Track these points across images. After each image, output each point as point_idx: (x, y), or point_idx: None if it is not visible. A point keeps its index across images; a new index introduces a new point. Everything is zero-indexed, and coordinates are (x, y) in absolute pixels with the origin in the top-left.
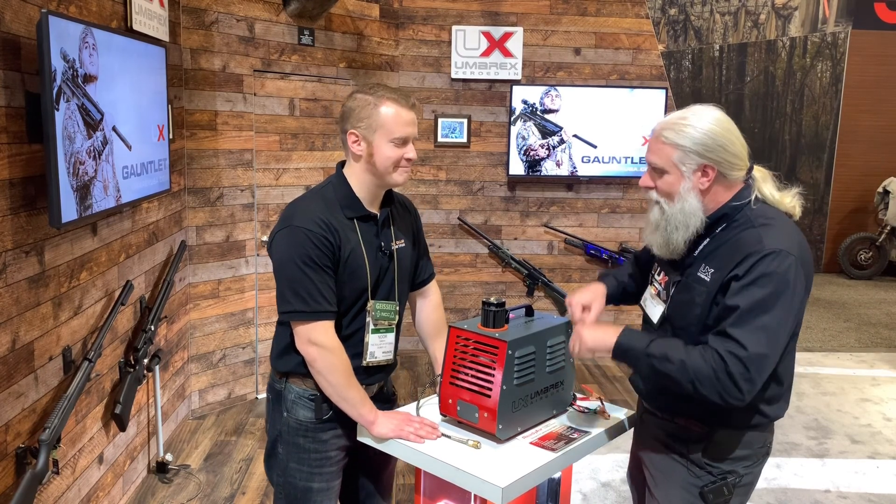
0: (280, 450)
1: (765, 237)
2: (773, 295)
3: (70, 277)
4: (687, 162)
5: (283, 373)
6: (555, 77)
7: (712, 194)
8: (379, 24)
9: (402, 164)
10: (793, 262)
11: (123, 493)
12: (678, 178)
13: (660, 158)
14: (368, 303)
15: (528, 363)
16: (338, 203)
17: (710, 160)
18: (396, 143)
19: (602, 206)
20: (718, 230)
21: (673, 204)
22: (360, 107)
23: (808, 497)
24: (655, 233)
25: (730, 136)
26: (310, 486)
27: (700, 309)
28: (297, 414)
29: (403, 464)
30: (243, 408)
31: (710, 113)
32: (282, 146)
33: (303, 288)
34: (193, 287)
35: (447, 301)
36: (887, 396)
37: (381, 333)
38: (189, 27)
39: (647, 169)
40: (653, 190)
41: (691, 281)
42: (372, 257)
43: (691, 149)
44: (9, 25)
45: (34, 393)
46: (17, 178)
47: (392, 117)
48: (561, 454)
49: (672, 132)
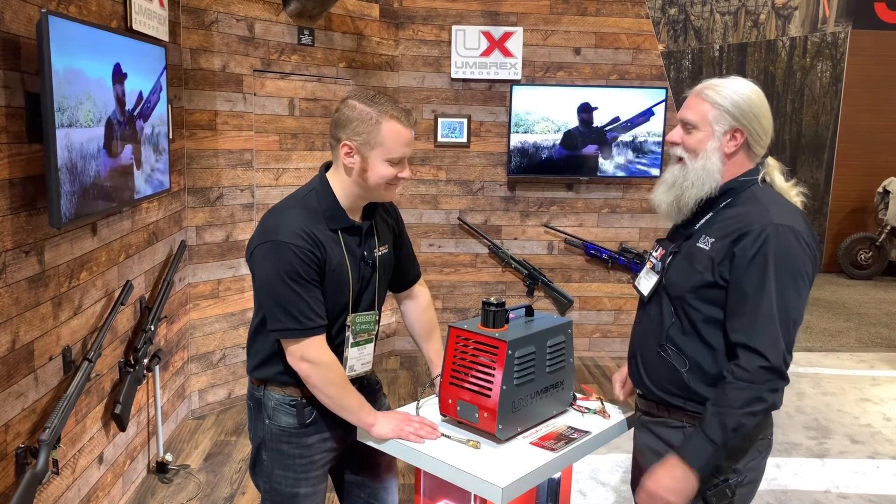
0: (264, 456)
1: (771, 210)
2: (784, 274)
3: (70, 277)
4: (721, 121)
5: (262, 380)
6: (555, 77)
7: (733, 162)
8: (379, 24)
9: (393, 182)
10: (800, 238)
11: (123, 493)
12: (708, 136)
13: (695, 114)
14: (349, 317)
15: (528, 363)
16: (322, 214)
17: (742, 125)
18: (392, 162)
19: (602, 206)
20: (722, 205)
21: (696, 160)
22: (358, 119)
23: (808, 497)
24: (669, 191)
25: (764, 109)
26: (296, 493)
27: (699, 276)
28: (279, 420)
29: (403, 464)
30: (243, 408)
31: (749, 84)
32: (282, 146)
33: (293, 306)
34: (193, 287)
35: (447, 301)
36: (887, 396)
37: (361, 346)
38: (189, 27)
39: (678, 125)
40: (678, 146)
41: (692, 251)
42: (355, 269)
43: (728, 110)
44: (9, 25)
45: (34, 393)
46: (17, 178)
47: (393, 136)
48: (561, 454)
49: (713, 91)
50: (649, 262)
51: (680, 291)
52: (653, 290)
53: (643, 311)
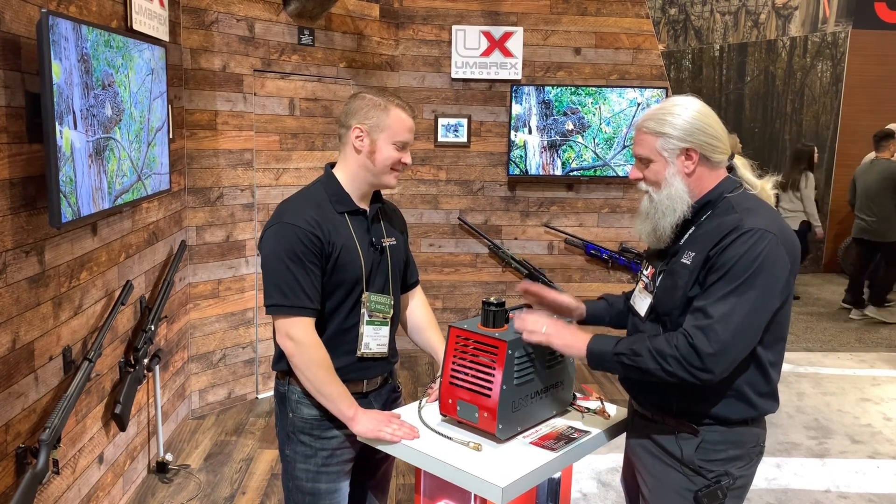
0: (287, 452)
1: (745, 218)
2: (749, 272)
3: (70, 277)
4: (669, 147)
5: (284, 373)
6: (555, 77)
7: (697, 178)
8: (379, 24)
9: (396, 167)
10: (772, 240)
11: (123, 493)
12: (663, 165)
13: (644, 148)
14: (363, 294)
15: (528, 363)
16: (328, 199)
17: (692, 143)
18: (398, 146)
19: (602, 206)
20: (703, 218)
21: (660, 191)
22: (368, 106)
23: (809, 497)
24: (645, 221)
25: (708, 119)
26: (317, 488)
27: (682, 292)
28: (301, 413)
29: (403, 464)
30: (243, 408)
31: (687, 101)
32: (282, 146)
33: (284, 282)
34: (193, 287)
35: (447, 301)
36: (887, 396)
37: (376, 326)
38: (189, 27)
39: (635, 162)
40: (641, 181)
41: (676, 267)
42: (364, 250)
43: (672, 134)
44: (9, 25)
45: (34, 393)
46: (17, 178)
47: (399, 122)
48: (561, 454)
49: (653, 122)
50: (641, 282)
51: (667, 309)
52: (648, 310)
53: (638, 328)
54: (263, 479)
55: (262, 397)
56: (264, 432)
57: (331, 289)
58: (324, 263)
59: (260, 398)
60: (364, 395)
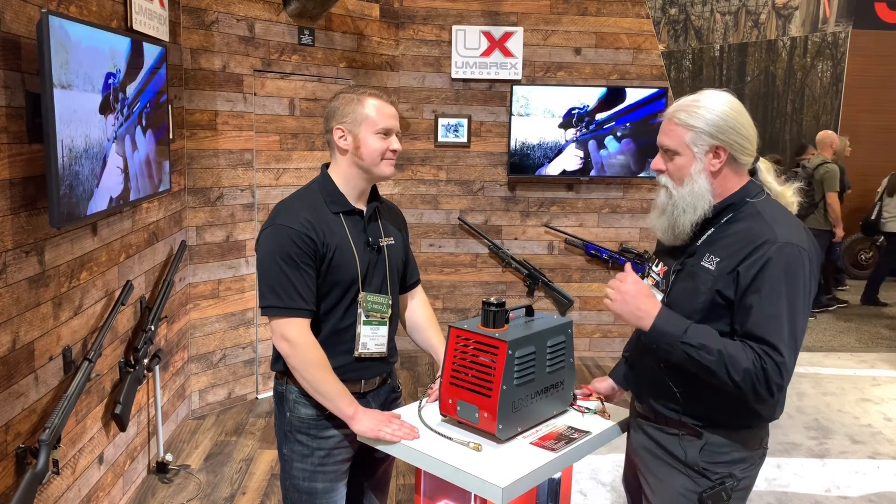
0: (285, 451)
1: (777, 228)
2: (793, 291)
3: (70, 277)
4: (699, 143)
5: (283, 373)
6: (555, 77)
7: (722, 178)
8: (379, 24)
9: (388, 156)
10: (807, 257)
11: (123, 493)
12: (690, 160)
13: (672, 140)
14: (360, 294)
15: (528, 363)
16: (322, 199)
17: (722, 142)
18: (381, 134)
19: (602, 206)
20: (724, 220)
21: (681, 187)
22: (343, 104)
23: (809, 497)
24: (661, 216)
25: (742, 118)
26: (313, 487)
27: (703, 297)
28: (298, 412)
29: (403, 464)
30: (243, 408)
31: (722, 96)
32: (282, 146)
33: (279, 284)
34: (193, 287)
35: (447, 301)
36: (887, 396)
37: (374, 326)
38: (189, 27)
39: (659, 152)
40: (663, 174)
41: (696, 269)
42: (360, 250)
43: (704, 130)
44: (9, 25)
45: (34, 393)
46: (17, 178)
47: (376, 109)
48: (561, 454)
49: (685, 114)
50: (651, 279)
51: (685, 312)
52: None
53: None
54: (263, 480)
55: (262, 397)
56: (264, 432)
57: (326, 289)
58: (318, 264)
59: (260, 398)
60: (362, 395)
